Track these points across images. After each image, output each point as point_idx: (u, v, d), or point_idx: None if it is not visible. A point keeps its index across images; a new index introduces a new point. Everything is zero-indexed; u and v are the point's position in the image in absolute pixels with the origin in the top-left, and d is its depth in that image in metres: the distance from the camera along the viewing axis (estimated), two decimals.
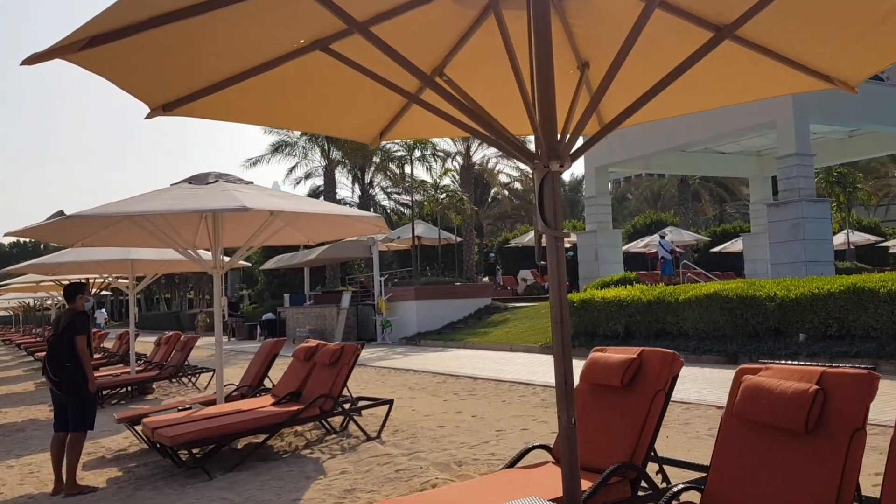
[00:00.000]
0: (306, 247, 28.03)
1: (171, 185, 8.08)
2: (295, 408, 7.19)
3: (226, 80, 3.69)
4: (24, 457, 8.51)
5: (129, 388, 12.63)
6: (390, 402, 7.74)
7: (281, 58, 3.66)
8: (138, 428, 8.20)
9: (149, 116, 3.73)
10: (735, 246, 31.34)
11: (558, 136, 3.36)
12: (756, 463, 3.20)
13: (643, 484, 3.91)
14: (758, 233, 25.58)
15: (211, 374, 13.44)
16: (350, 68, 3.48)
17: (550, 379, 10.87)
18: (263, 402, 7.82)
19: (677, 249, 24.21)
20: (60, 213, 7.36)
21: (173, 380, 13.56)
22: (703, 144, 24.22)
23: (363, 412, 8.25)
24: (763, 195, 26.89)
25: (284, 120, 5.03)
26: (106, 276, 14.28)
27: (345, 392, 7.75)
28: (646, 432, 3.95)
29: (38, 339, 35.75)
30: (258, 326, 28.02)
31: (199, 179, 8.00)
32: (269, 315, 27.67)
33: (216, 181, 7.93)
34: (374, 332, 22.88)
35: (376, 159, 34.38)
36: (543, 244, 3.46)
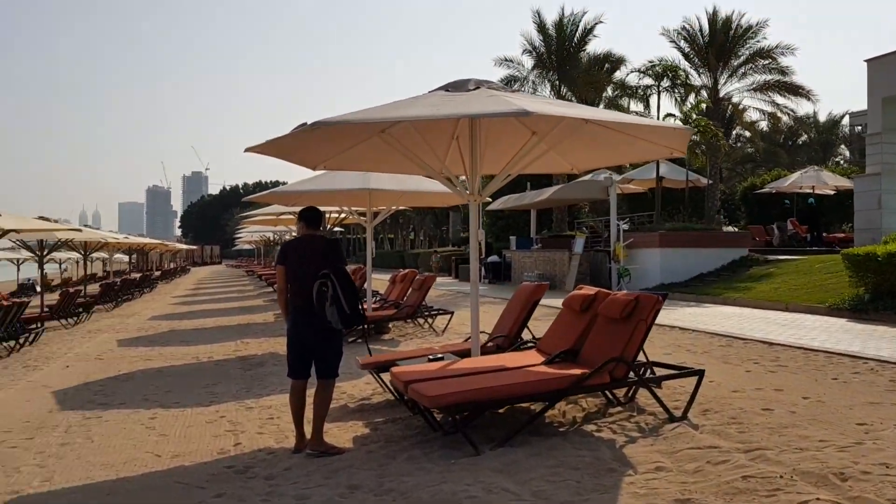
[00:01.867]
0: (534, 186, 26.52)
1: (428, 92, 6.72)
2: (578, 371, 5.62)
3: None
4: (264, 397, 7.79)
5: (366, 327, 11.87)
6: (700, 374, 5.94)
7: None
8: (384, 376, 7.12)
9: None
10: None
11: None
12: None
13: None
14: None
15: (449, 316, 12.41)
16: None
17: (881, 351, 8.45)
18: (530, 359, 6.35)
19: None
20: (304, 124, 6.20)
21: (408, 320, 12.68)
22: None
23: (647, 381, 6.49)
24: None
25: None
26: (344, 208, 13.62)
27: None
28: None
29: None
30: (482, 269, 27.13)
31: (457, 86, 6.55)
32: (494, 257, 26.63)
33: (477, 88, 6.44)
34: (609, 280, 20.97)
35: (608, 93, 31.88)
36: None
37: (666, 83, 22.83)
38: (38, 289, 37.15)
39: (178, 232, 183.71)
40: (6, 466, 5.57)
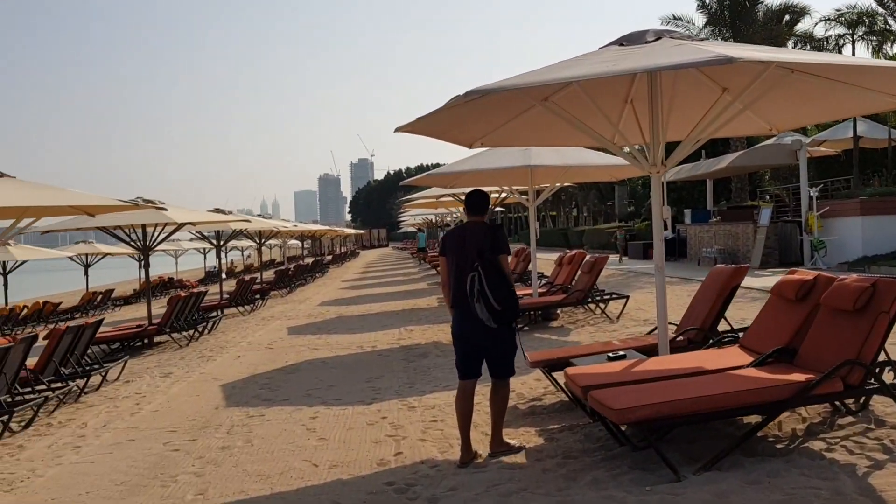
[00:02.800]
0: (708, 154, 24.51)
1: (597, 49, 5.81)
2: (801, 377, 4.55)
3: None
4: (427, 394, 7.26)
5: (533, 313, 11.13)
6: None
7: None
8: (557, 374, 6.34)
9: None
10: None
11: None
12: None
13: None
14: None
15: (624, 301, 11.39)
16: None
17: None
18: (734, 359, 5.32)
19: None
20: (458, 96, 5.49)
21: (578, 305, 11.77)
22: None
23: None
24: None
25: None
26: (504, 187, 12.87)
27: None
28: None
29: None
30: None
31: (633, 39, 5.60)
32: (667, 233, 24.90)
33: (658, 39, 5.45)
34: (800, 254, 18.90)
35: (789, 48, 28.86)
36: None
37: (861, 31, 20.01)
38: (224, 276, 39.75)
39: (348, 217, 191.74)
40: (164, 474, 5.36)
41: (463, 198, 14.82)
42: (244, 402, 7.70)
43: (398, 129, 5.97)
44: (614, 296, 11.46)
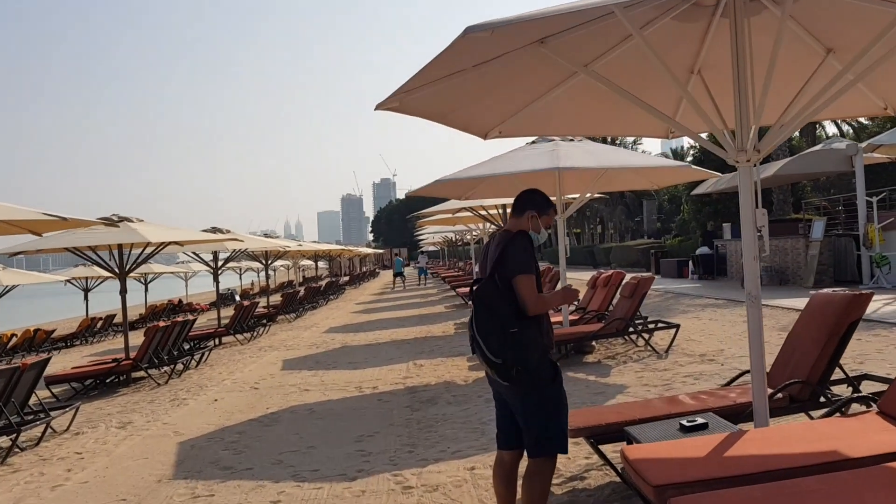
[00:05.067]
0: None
1: None
2: None
3: None
4: (430, 465, 5.48)
5: (565, 347, 9.31)
6: None
7: None
8: (607, 450, 4.56)
9: None
10: None
11: None
12: None
13: None
14: None
15: (674, 330, 9.54)
16: None
17: None
18: (877, 436, 3.51)
19: None
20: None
21: (617, 336, 9.92)
22: None
23: None
24: None
25: None
26: None
27: None
28: None
29: (459, 272, 36.20)
30: (689, 263, 23.59)
31: None
32: (705, 249, 22.96)
33: None
34: (857, 271, 16.96)
35: None
36: None
37: None
38: (237, 298, 38.27)
39: (370, 237, 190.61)
40: None
41: (483, 212, 12.85)
42: (197, 470, 5.98)
43: (379, 106, 4.25)
44: (661, 324, 9.61)
